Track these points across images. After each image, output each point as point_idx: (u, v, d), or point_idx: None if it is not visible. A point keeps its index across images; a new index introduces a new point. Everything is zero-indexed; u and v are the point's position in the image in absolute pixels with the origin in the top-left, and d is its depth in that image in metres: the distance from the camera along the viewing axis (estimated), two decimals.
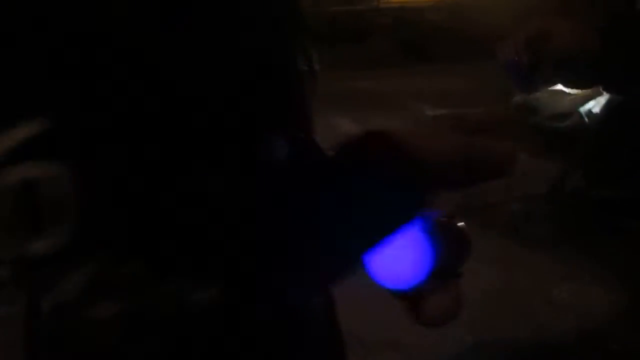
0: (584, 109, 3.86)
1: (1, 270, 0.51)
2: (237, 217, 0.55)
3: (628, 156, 3.88)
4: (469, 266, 0.76)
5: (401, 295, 0.68)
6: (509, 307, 2.87)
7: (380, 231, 0.58)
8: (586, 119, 4.03)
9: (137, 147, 0.53)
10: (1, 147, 0.48)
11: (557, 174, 4.36)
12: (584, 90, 3.12)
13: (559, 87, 2.84)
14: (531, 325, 2.82)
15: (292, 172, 0.58)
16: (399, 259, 0.64)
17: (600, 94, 3.54)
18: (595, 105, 4.23)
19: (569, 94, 3.30)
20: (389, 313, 0.85)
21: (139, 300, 0.50)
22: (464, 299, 0.68)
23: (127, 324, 0.50)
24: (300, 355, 0.72)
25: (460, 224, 0.68)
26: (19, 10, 0.48)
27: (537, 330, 2.80)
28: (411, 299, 0.67)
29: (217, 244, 0.54)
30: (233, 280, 0.54)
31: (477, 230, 2.39)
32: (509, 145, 0.65)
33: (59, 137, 0.49)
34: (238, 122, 0.58)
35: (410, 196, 0.58)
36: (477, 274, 2.74)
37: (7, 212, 0.50)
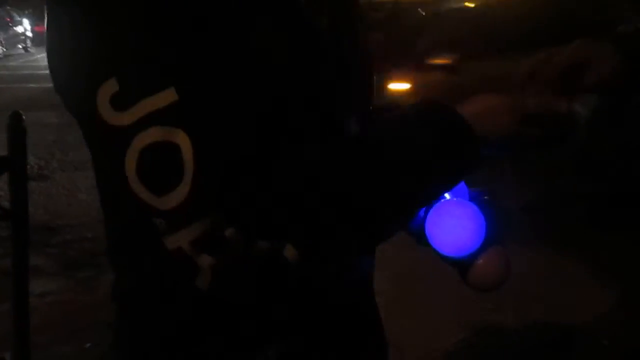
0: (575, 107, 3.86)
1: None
2: (333, 182, 0.61)
3: (618, 153, 3.90)
4: None
5: (454, 262, 0.74)
6: (503, 304, 2.88)
7: (442, 180, 0.66)
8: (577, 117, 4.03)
9: (250, 123, 0.59)
10: (140, 112, 0.56)
11: (551, 172, 4.39)
12: None
13: None
14: (524, 322, 2.83)
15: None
16: (457, 229, 0.73)
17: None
18: (584, 104, 4.21)
19: None
20: (387, 313, 0.85)
21: (233, 257, 0.58)
22: (511, 265, 0.74)
23: (219, 275, 0.58)
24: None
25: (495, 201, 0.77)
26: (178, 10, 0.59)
27: (529, 327, 2.81)
28: (464, 265, 0.74)
29: (311, 209, 0.59)
30: (314, 239, 0.61)
31: None
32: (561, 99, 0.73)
33: (184, 109, 0.56)
34: (332, 105, 0.70)
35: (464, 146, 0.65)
36: None
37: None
